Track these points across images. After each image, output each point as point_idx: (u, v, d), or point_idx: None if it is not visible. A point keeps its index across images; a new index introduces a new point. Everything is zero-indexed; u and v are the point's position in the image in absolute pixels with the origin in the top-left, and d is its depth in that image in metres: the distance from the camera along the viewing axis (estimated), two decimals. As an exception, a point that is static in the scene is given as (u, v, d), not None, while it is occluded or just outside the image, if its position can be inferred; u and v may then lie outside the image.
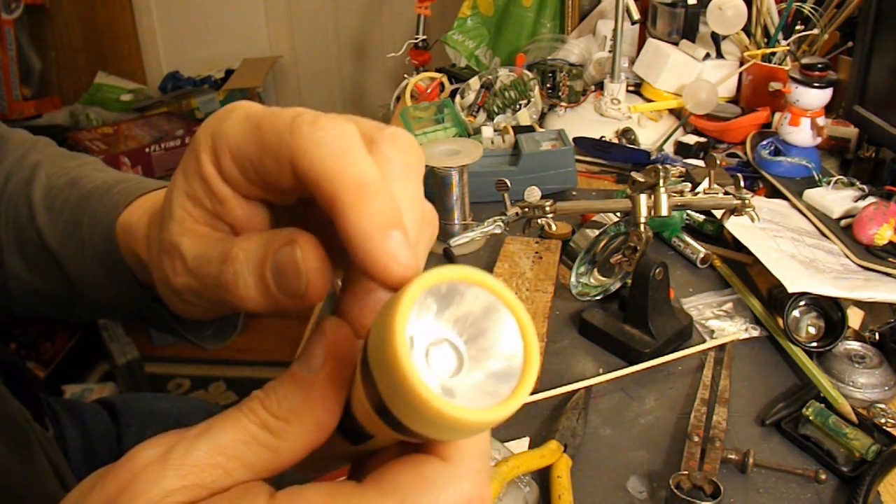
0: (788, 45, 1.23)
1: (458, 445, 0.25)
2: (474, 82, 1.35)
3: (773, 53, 1.23)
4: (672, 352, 0.79)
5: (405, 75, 1.46)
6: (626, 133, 1.24)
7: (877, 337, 0.78)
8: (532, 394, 0.74)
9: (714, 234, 0.98)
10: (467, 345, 0.23)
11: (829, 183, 1.02)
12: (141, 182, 0.47)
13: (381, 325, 0.22)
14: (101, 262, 0.46)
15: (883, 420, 0.69)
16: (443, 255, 0.98)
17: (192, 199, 0.31)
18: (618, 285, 0.86)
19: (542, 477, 0.66)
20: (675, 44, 1.32)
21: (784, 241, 0.89)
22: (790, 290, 0.78)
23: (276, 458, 0.25)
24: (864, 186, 0.99)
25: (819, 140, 1.09)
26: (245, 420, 0.25)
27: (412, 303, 0.22)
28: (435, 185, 0.97)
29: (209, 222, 0.32)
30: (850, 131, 1.13)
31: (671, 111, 1.31)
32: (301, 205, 0.33)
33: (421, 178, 0.28)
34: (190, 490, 0.24)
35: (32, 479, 0.56)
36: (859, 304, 0.81)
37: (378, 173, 0.26)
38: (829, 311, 0.79)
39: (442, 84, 1.41)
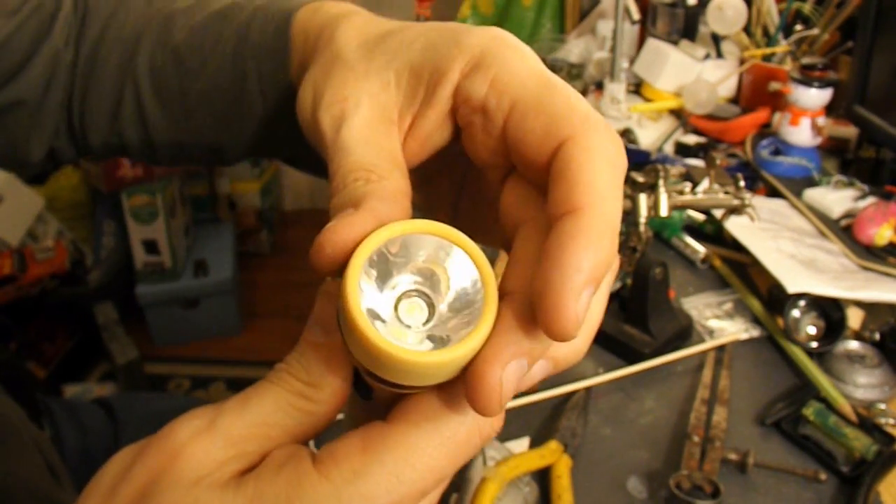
0: (788, 45, 1.23)
1: None
2: (474, 82, 1.34)
3: (773, 53, 1.23)
4: (672, 352, 0.79)
5: (405, 75, 1.46)
6: (626, 133, 1.24)
7: (877, 337, 0.78)
8: (532, 393, 0.74)
9: (714, 234, 0.98)
10: (432, 289, 0.25)
11: (829, 183, 1.02)
12: None
13: (338, 295, 0.24)
14: (266, 95, 0.43)
15: (883, 420, 0.69)
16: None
17: (412, 77, 0.29)
18: (618, 285, 0.86)
19: (542, 477, 0.66)
20: (675, 44, 1.32)
21: (784, 241, 0.89)
22: (790, 290, 0.78)
23: (314, 421, 0.26)
24: (864, 186, 0.99)
25: (819, 140, 1.09)
26: (280, 390, 0.26)
27: (358, 272, 0.23)
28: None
29: (400, 109, 0.30)
30: (850, 131, 1.13)
31: (671, 111, 1.31)
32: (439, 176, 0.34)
33: None
34: (238, 460, 0.25)
35: (20, 480, 0.55)
36: (859, 304, 0.81)
37: (616, 225, 0.25)
38: (829, 311, 0.79)
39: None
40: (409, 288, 0.25)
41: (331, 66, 0.32)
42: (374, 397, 0.28)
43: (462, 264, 0.25)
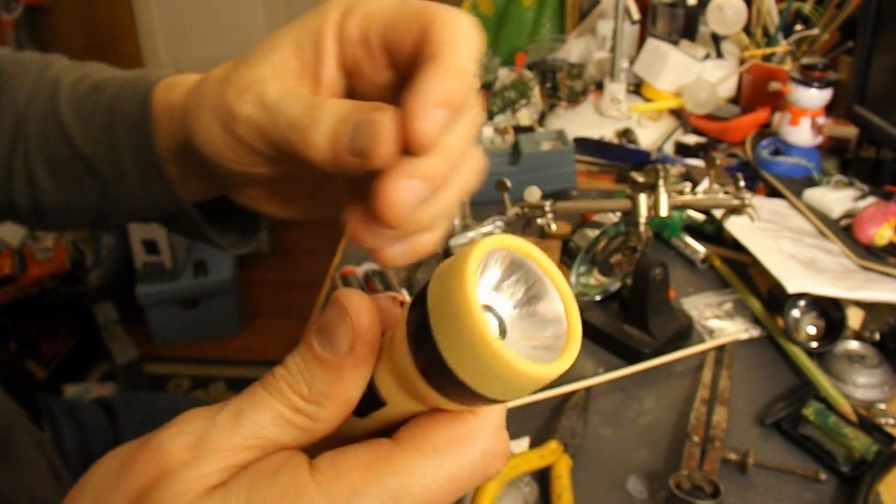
0: (788, 45, 1.23)
1: None
2: (474, 82, 1.34)
3: (773, 53, 1.23)
4: (672, 352, 0.79)
5: (405, 75, 1.46)
6: (626, 133, 1.24)
7: (877, 337, 0.78)
8: (532, 393, 0.74)
9: (714, 234, 0.98)
10: (512, 313, 0.25)
11: (829, 183, 1.02)
12: (166, 70, 0.47)
13: (448, 279, 0.23)
14: (136, 161, 0.46)
15: (883, 420, 0.69)
16: (442, 256, 0.98)
17: (295, 48, 0.33)
18: (618, 285, 0.86)
19: (542, 477, 0.66)
20: (675, 44, 1.32)
21: (784, 241, 0.89)
22: (790, 290, 0.78)
23: (309, 437, 0.26)
24: (864, 186, 0.99)
25: (819, 140, 1.09)
26: (277, 404, 0.25)
27: (477, 263, 0.23)
28: (435, 185, 0.97)
29: (298, 76, 0.33)
30: (850, 131, 1.13)
31: (671, 111, 1.31)
32: None
33: None
34: (226, 471, 0.25)
35: (23, 489, 0.55)
36: (859, 304, 0.81)
37: (474, 75, 0.30)
38: (829, 311, 0.79)
39: (442, 84, 1.41)
40: (491, 304, 0.24)
41: (220, 88, 0.34)
42: (373, 417, 0.27)
43: (551, 303, 0.25)
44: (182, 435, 0.25)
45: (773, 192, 1.06)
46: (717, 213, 0.94)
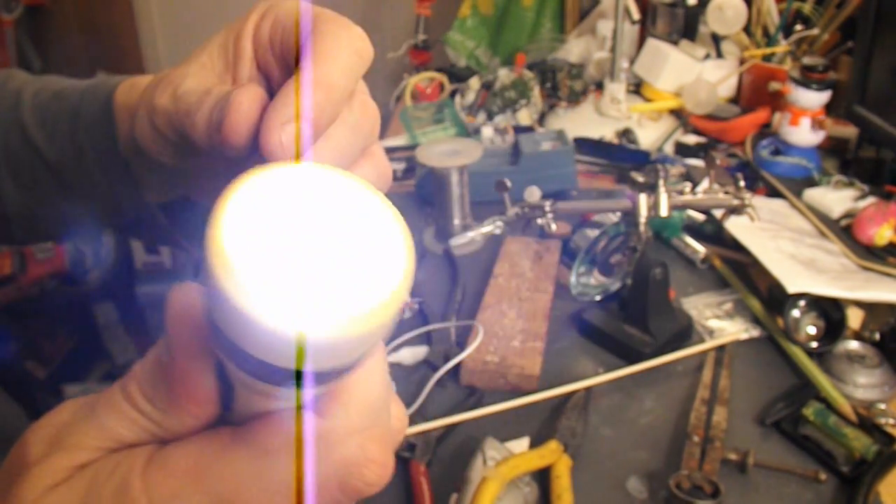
0: (788, 45, 1.23)
1: (338, 399, 0.23)
2: (474, 82, 1.35)
3: (773, 53, 1.23)
4: (672, 352, 0.79)
5: (405, 75, 1.46)
6: (626, 133, 1.24)
7: (877, 337, 0.78)
8: (532, 394, 0.74)
9: (714, 234, 0.98)
10: (328, 249, 0.20)
11: (829, 183, 1.02)
12: (125, 76, 0.48)
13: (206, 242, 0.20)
14: (100, 162, 0.46)
15: (883, 420, 0.69)
16: (443, 256, 0.98)
17: (221, 49, 0.35)
18: (618, 285, 0.86)
19: (542, 477, 0.66)
20: (675, 44, 1.32)
21: (784, 241, 0.89)
22: (790, 290, 0.78)
23: (160, 439, 0.24)
24: (864, 186, 0.99)
25: (819, 140, 1.09)
26: (126, 406, 0.24)
27: (229, 198, 0.20)
28: (435, 185, 0.97)
29: (220, 76, 0.35)
30: (850, 131, 1.13)
31: (671, 111, 1.31)
32: None
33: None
34: (75, 469, 0.24)
35: None
36: (859, 304, 0.81)
37: (344, 86, 0.31)
38: (829, 311, 0.79)
39: (442, 84, 1.41)
40: (301, 244, 0.20)
41: (153, 85, 0.36)
42: (235, 410, 0.24)
43: (371, 226, 0.21)
44: (45, 428, 0.25)
45: (773, 192, 1.06)
46: (717, 213, 0.94)
